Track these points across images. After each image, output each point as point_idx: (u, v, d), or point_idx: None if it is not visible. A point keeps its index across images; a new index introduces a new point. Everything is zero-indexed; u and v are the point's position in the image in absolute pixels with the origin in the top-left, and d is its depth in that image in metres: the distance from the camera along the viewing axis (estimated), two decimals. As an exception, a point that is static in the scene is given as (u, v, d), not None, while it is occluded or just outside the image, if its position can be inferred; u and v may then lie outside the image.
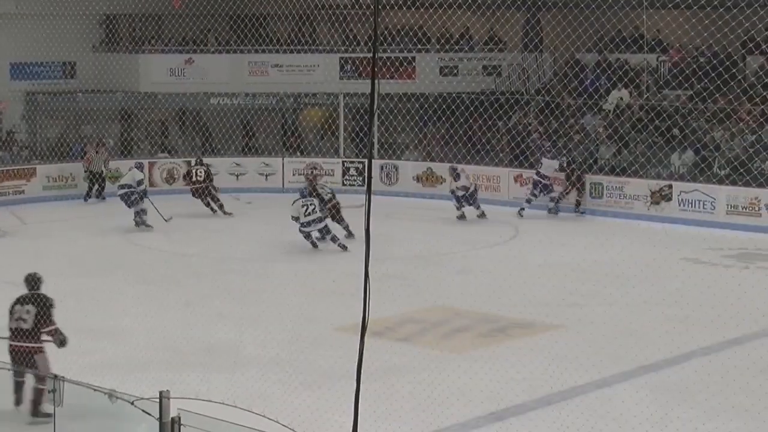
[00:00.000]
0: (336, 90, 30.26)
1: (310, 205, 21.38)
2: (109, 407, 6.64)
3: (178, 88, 30.47)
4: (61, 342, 11.45)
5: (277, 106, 31.25)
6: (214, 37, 32.08)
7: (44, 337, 11.45)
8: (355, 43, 30.60)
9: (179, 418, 6.23)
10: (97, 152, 27.89)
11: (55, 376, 6.60)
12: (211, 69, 30.79)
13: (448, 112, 28.91)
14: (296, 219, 21.40)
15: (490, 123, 28.83)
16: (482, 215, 25.07)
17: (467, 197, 25.02)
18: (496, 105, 28.42)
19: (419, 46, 30.18)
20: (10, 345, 11.39)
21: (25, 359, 11.06)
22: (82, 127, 30.95)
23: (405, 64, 29.70)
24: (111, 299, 17.53)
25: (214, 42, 31.95)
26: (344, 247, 21.11)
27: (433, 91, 29.09)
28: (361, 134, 29.97)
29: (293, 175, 29.58)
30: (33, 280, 11.96)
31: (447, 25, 30.43)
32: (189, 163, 27.70)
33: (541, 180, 25.71)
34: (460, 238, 23.11)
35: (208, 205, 25.70)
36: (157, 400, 6.14)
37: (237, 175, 29.60)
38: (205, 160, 26.64)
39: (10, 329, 11.53)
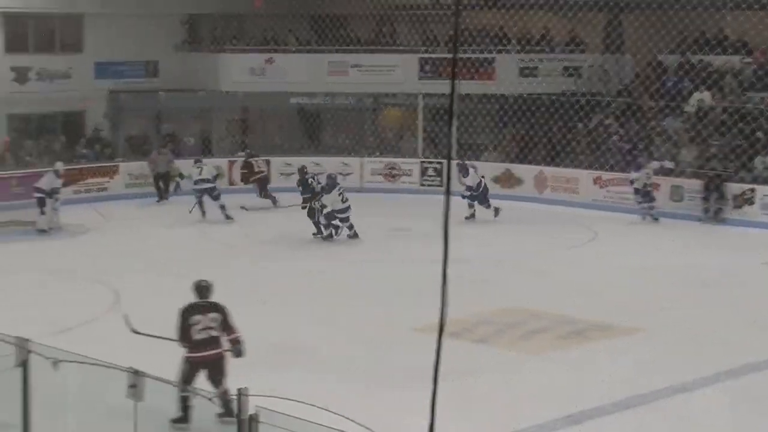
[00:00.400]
0: (415, 90, 30.25)
1: (345, 192, 22.35)
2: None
3: (257, 87, 30.68)
4: (239, 352, 11.17)
5: (356, 106, 31.32)
6: (294, 37, 32.26)
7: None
8: (434, 44, 30.57)
9: (257, 416, 6.27)
10: (160, 153, 28.09)
11: (136, 371, 6.68)
12: (291, 69, 30.95)
13: (527, 114, 28.79)
14: (324, 207, 22.12)
15: (569, 125, 28.66)
16: (497, 212, 24.60)
17: (475, 197, 24.60)
18: (576, 106, 28.24)
19: (499, 47, 30.06)
20: (202, 356, 10.97)
21: (218, 368, 10.87)
22: (162, 126, 31.32)
23: (485, 64, 29.60)
24: (188, 297, 17.66)
25: (295, 42, 32.12)
26: (356, 235, 22.26)
27: (512, 92, 28.96)
28: (440, 135, 29.95)
29: (371, 174, 29.65)
30: (205, 288, 11.49)
31: (527, 26, 30.28)
32: (249, 154, 27.86)
33: (642, 188, 24.81)
34: (536, 239, 22.97)
35: (267, 196, 25.96)
36: (236, 397, 6.18)
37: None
38: (288, 159, 26.82)
39: (196, 340, 11.06)
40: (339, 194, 22.10)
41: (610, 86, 29.95)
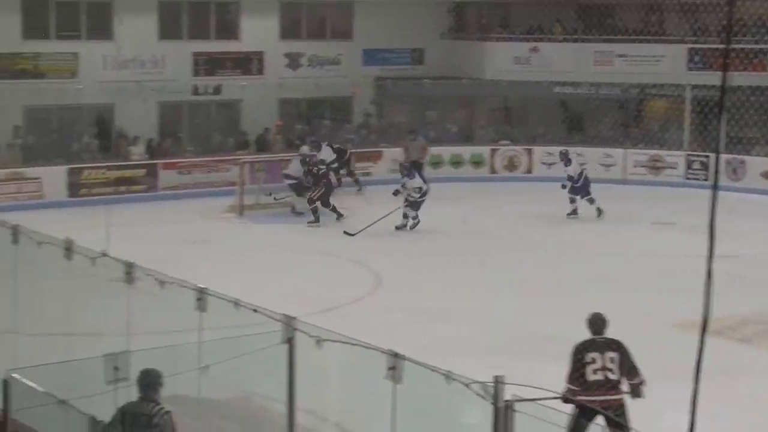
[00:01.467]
0: (683, 81, 29.47)
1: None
2: (445, 388, 6.79)
3: (521, 76, 30.62)
4: (637, 395, 9.96)
5: (621, 96, 30.80)
6: (561, 25, 32.01)
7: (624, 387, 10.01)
8: (705, 34, 29.68)
9: (513, 404, 6.29)
10: (413, 139, 28.31)
11: (396, 354, 6.82)
12: (556, 58, 30.75)
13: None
14: (420, 189, 22.09)
15: None
16: (600, 213, 23.66)
17: (575, 189, 23.72)
18: None
19: (774, 38, 28.91)
20: (595, 400, 9.63)
21: (619, 415, 9.72)
22: (426, 113, 31.70)
23: (759, 56, 28.51)
24: (447, 282, 17.90)
25: (561, 31, 31.88)
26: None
27: (789, 83, 27.82)
28: (708, 127, 29.08)
29: (634, 166, 29.11)
30: (601, 322, 10.23)
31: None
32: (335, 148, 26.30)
33: None
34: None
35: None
36: (492, 384, 6.22)
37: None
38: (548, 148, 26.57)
39: (589, 381, 9.85)
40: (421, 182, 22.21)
41: None
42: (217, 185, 26.33)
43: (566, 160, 24.19)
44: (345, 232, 21.68)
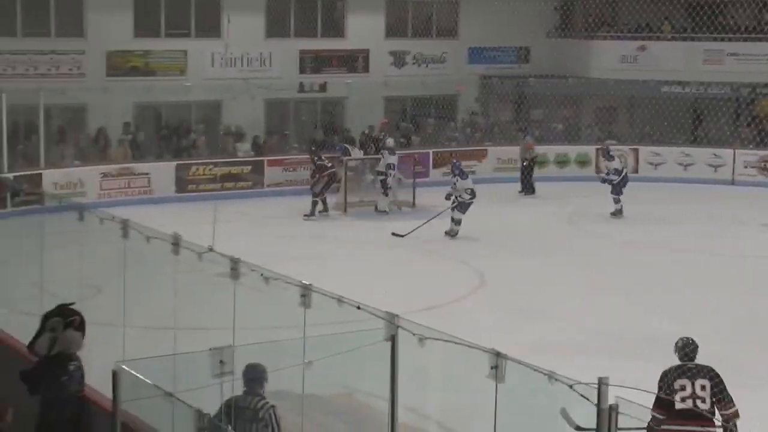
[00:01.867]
0: (796, 80, 28.91)
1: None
2: (547, 388, 6.75)
3: (628, 75, 30.30)
4: (730, 428, 9.19)
5: (732, 95, 30.26)
6: (669, 24, 31.56)
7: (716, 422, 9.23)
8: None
9: (617, 406, 6.22)
10: (523, 138, 28.17)
11: (498, 354, 6.79)
12: (664, 57, 30.34)
13: None
14: (471, 191, 21.35)
15: None
16: (617, 213, 23.55)
17: (616, 184, 23.55)
18: None
19: None
20: (684, 430, 9.11)
21: None
22: (531, 111, 31.53)
23: None
24: (552, 282, 17.80)
25: (669, 29, 31.43)
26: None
27: None
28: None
29: (744, 167, 28.57)
30: (692, 348, 9.47)
31: None
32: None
33: None
34: None
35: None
36: (596, 385, 6.16)
37: (685, 166, 29.01)
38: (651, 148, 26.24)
39: (677, 410, 9.16)
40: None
41: None
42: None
43: (608, 156, 24.27)
44: (393, 234, 21.64)
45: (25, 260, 12.65)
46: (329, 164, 23.98)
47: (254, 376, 8.19)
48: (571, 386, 6.20)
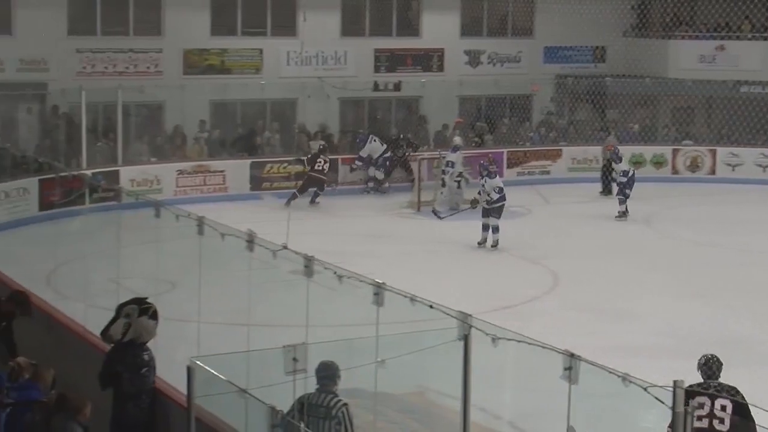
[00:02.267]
0: None
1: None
2: (621, 391, 6.69)
3: (706, 75, 29.93)
4: None
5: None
6: (749, 23, 31.12)
7: None
8: None
9: (693, 410, 6.16)
10: (605, 138, 27.93)
11: (572, 355, 6.74)
12: (744, 56, 29.93)
13: None
14: (500, 189, 20.55)
15: None
16: (621, 215, 23.20)
17: (622, 187, 23.25)
18: None
19: None
20: None
21: None
22: (607, 111, 31.26)
23: None
24: (627, 283, 17.65)
25: (749, 28, 30.99)
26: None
27: None
28: None
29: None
30: (716, 365, 8.99)
31: None
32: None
33: None
34: None
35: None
36: (671, 388, 6.10)
37: (764, 167, 28.59)
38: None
39: (694, 428, 8.15)
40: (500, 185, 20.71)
41: None
42: (395, 181, 26.53)
43: (616, 157, 24.05)
44: (434, 211, 22.69)
45: (103, 256, 12.84)
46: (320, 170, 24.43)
47: (328, 373, 8.23)
48: (645, 389, 6.15)
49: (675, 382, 6.17)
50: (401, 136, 27.32)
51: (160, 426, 9.28)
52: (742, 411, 8.49)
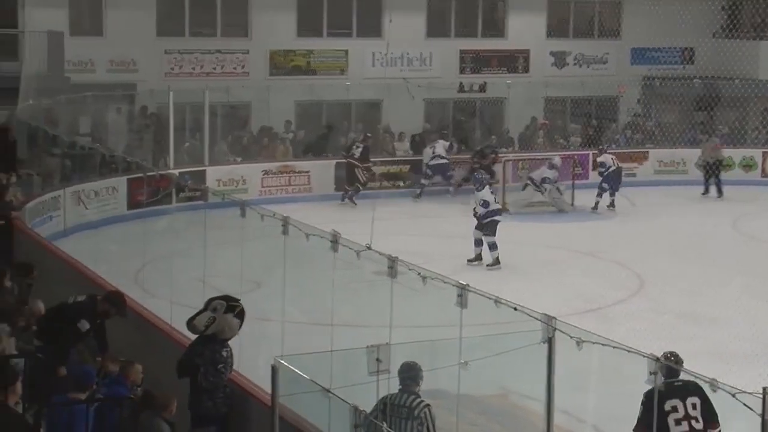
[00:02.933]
0: None
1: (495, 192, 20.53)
2: (711, 396, 6.62)
3: (798, 77, 29.44)
4: None
5: None
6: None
7: None
8: None
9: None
10: (707, 140, 27.53)
11: (657, 359, 6.67)
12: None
13: None
14: (485, 203, 19.03)
15: None
16: (610, 206, 23.92)
17: (608, 178, 23.87)
18: None
19: None
20: None
21: None
22: (695, 114, 30.84)
23: None
24: (711, 286, 17.40)
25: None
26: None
27: None
28: None
29: None
30: (676, 362, 8.45)
31: None
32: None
33: None
34: None
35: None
36: (761, 395, 6.00)
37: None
38: None
39: None
40: (492, 192, 19.61)
41: None
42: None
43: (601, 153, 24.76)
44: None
45: (189, 254, 12.97)
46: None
47: (411, 374, 8.24)
48: (734, 395, 6.06)
49: (764, 388, 6.08)
50: (486, 145, 27.16)
51: (243, 424, 9.36)
52: (708, 406, 8.37)
